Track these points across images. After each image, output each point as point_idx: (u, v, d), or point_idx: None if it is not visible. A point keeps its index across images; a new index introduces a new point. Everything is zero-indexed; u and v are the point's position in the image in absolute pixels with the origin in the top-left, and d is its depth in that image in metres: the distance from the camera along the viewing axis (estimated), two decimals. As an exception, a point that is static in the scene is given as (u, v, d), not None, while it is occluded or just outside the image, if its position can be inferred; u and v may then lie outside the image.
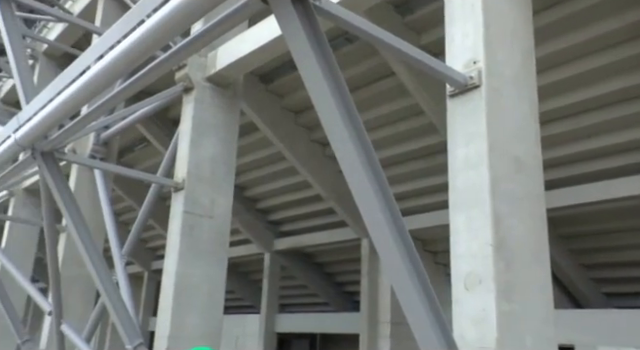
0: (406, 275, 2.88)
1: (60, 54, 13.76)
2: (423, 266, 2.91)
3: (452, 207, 4.02)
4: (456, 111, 4.17)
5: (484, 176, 3.83)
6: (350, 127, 2.97)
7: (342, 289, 15.38)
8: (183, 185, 6.63)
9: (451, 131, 4.16)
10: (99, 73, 4.55)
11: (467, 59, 4.16)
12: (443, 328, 2.87)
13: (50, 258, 7.40)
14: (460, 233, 3.90)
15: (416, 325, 2.86)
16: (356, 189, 2.98)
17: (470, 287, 3.78)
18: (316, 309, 15.69)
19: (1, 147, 6.78)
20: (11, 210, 14.17)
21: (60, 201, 6.43)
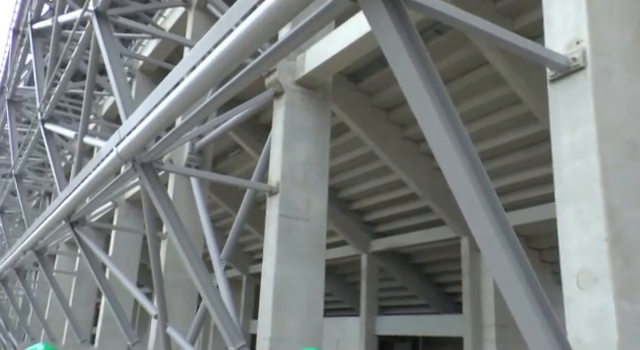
0: (513, 274, 2.69)
1: (154, 69, 14.43)
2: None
3: (559, 200, 3.73)
4: (558, 96, 3.87)
5: (594, 164, 3.52)
6: (446, 121, 2.83)
7: (442, 290, 15.00)
8: (278, 189, 6.67)
9: (554, 118, 3.87)
10: (192, 84, 4.66)
11: (569, 40, 3.85)
12: (556, 331, 2.66)
13: (154, 264, 7.71)
14: (569, 228, 3.61)
15: (526, 328, 2.66)
16: (455, 185, 2.83)
17: (584, 286, 3.48)
18: (417, 311, 15.40)
19: (105, 161, 7.16)
20: (116, 220, 15.02)
21: (160, 210, 6.67)
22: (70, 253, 20.35)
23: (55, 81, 12.02)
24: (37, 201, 26.07)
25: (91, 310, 19.15)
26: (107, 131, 14.88)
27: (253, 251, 19.65)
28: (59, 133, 12.68)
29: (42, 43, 14.03)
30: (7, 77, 19.77)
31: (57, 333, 18.66)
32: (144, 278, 19.86)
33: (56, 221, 10.78)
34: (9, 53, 20.00)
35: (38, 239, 13.43)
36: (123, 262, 12.82)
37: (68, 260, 21.05)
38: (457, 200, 2.79)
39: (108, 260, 10.97)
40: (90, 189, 8.46)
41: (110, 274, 11.64)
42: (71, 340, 16.94)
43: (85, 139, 9.81)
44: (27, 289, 22.15)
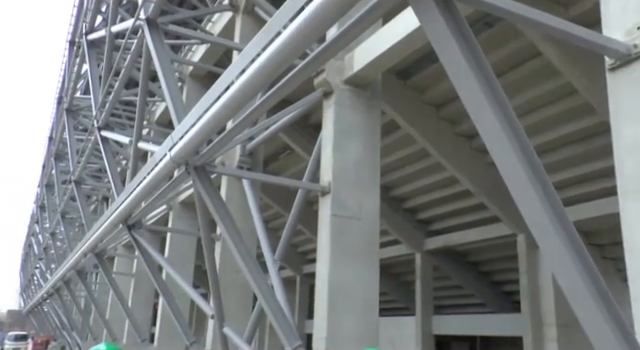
0: (575, 273, 2.59)
1: (204, 74, 14.68)
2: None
3: (621, 194, 3.56)
4: (619, 85, 3.71)
5: (659, 156, 3.37)
6: (500, 115, 2.76)
7: (499, 289, 14.69)
8: (329, 189, 6.66)
9: (614, 108, 3.71)
10: (242, 87, 4.70)
11: (629, 25, 3.68)
12: (623, 330, 2.53)
13: (209, 265, 7.83)
14: (634, 223, 3.45)
15: (590, 328, 2.55)
16: (511, 181, 2.75)
17: (652, 284, 3.33)
18: (473, 310, 15.13)
19: (159, 165, 7.33)
20: (170, 223, 15.35)
21: (214, 211, 6.78)
22: (128, 255, 20.94)
23: (109, 89, 12.38)
24: (95, 206, 26.97)
25: (150, 310, 19.65)
26: (160, 136, 15.24)
27: (306, 251, 19.74)
28: (114, 140, 13.06)
29: (96, 53, 14.49)
30: (65, 87, 20.50)
31: (118, 332, 19.24)
32: (199, 279, 20.24)
33: (114, 225, 11.11)
34: (66, 64, 20.76)
35: (97, 242, 13.89)
36: (179, 263, 13.07)
37: (126, 262, 21.67)
38: (513, 196, 2.72)
39: (164, 261, 11.22)
40: (145, 193, 8.67)
41: (167, 275, 11.90)
42: (132, 339, 17.42)
43: (139, 144, 10.06)
44: (88, 290, 22.93)
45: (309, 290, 19.99)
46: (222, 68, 11.07)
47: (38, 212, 33.25)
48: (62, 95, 21.50)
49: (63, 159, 22.60)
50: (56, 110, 24.58)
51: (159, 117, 17.66)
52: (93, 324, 26.27)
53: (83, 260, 17.62)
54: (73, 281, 23.20)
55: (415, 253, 14.73)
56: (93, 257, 15.69)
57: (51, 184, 25.76)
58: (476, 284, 14.71)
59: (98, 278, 26.35)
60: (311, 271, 18.71)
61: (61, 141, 22.26)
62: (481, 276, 14.70)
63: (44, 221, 31.71)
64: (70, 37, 19.56)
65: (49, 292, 29.29)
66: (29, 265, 44.90)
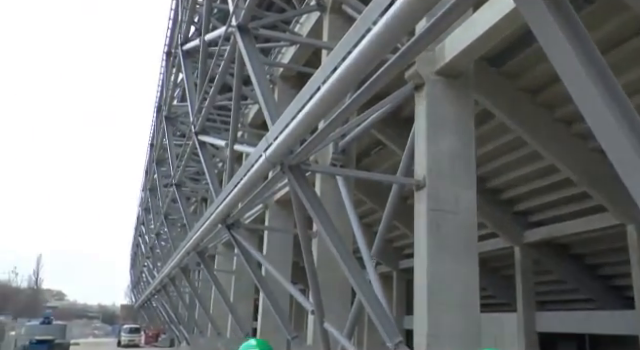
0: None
1: (294, 75, 14.93)
2: None
3: None
4: None
5: None
6: (607, 97, 2.59)
7: (608, 283, 13.88)
8: (424, 183, 6.58)
9: None
10: (334, 85, 4.74)
11: None
12: None
13: (307, 262, 7.97)
14: None
15: None
16: (623, 167, 2.58)
17: None
18: (580, 306, 14.39)
19: (255, 166, 7.55)
20: (267, 221, 15.75)
21: (310, 209, 6.89)
22: (228, 253, 21.69)
23: (205, 96, 12.90)
24: (195, 207, 28.19)
25: (251, 306, 20.29)
26: (253, 138, 15.67)
27: (402, 246, 19.60)
28: (211, 143, 13.59)
29: (191, 62, 15.13)
30: (163, 96, 21.56)
31: (222, 327, 20.03)
32: (297, 275, 20.62)
33: (214, 224, 11.56)
34: (163, 75, 21.82)
35: (199, 241, 14.51)
36: (277, 260, 13.39)
37: (226, 259, 22.47)
38: (625, 183, 2.55)
39: (263, 259, 11.56)
40: (243, 193, 8.96)
41: (266, 272, 12.22)
42: (235, 334, 18.07)
43: (235, 147, 10.40)
44: (192, 287, 24.02)
45: (406, 286, 19.84)
46: (312, 68, 11.23)
47: (143, 214, 35.21)
48: (161, 104, 22.64)
49: (164, 164, 23.78)
50: (156, 118, 25.91)
51: (252, 119, 18.17)
52: (198, 318, 27.46)
53: (186, 258, 18.47)
54: (178, 278, 24.39)
55: (514, 246, 14.23)
56: (195, 255, 16.42)
57: (154, 188, 27.19)
58: (581, 278, 13.99)
59: (201, 275, 27.51)
60: (407, 266, 18.57)
61: (161, 147, 23.42)
62: (586, 269, 13.97)
63: (149, 223, 33.53)
64: (166, 49, 20.55)
65: (157, 288, 30.98)
66: (138, 263, 47.63)
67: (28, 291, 73.57)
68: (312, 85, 5.25)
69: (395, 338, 6.07)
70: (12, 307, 54.77)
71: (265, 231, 15.78)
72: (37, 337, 29.01)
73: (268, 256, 13.78)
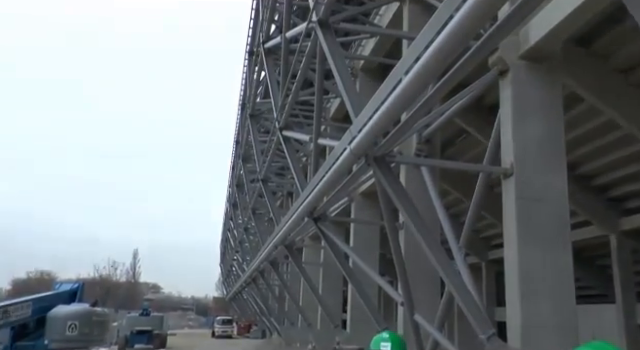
0: None
1: (375, 67, 14.92)
2: None
3: None
4: None
5: None
6: None
7: None
8: (512, 170, 6.44)
9: None
10: (417, 75, 4.74)
11: None
12: None
13: (395, 253, 8.00)
14: None
15: None
16: None
17: None
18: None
19: (340, 159, 7.65)
20: (353, 213, 15.84)
21: (396, 200, 6.91)
22: (315, 246, 22.01)
23: (287, 92, 13.15)
24: (281, 201, 28.79)
25: (339, 298, 20.50)
26: (336, 131, 15.80)
27: (490, 236, 19.13)
28: (295, 138, 13.84)
29: (273, 59, 15.45)
30: (247, 94, 22.13)
31: (312, 318, 20.39)
32: (384, 267, 20.61)
33: (300, 218, 11.78)
34: (246, 73, 22.39)
35: (286, 235, 14.83)
36: (364, 253, 13.46)
37: (314, 252, 22.81)
38: None
39: (350, 251, 11.67)
40: (328, 186, 9.10)
41: (353, 264, 12.34)
42: (325, 325, 18.35)
43: (319, 141, 10.55)
44: (281, 279, 24.59)
45: (495, 277, 19.36)
46: (393, 59, 11.19)
47: (231, 209, 36.30)
48: (245, 102, 23.24)
49: (249, 160, 24.42)
50: (240, 116, 26.63)
51: (334, 113, 18.32)
52: (288, 310, 28.09)
53: (274, 252, 18.94)
54: (267, 271, 25.06)
55: (609, 235, 13.55)
56: (283, 249, 16.81)
57: (241, 184, 28.00)
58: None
59: (289, 268, 28.08)
60: (496, 257, 18.10)
61: (247, 144, 24.07)
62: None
63: (237, 217, 34.56)
64: (249, 48, 21.08)
65: (247, 281, 31.94)
66: (227, 257, 49.25)
67: (126, 284, 77.91)
68: (394, 76, 5.27)
69: (487, 330, 5.99)
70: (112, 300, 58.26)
71: (351, 223, 15.90)
72: (137, 328, 30.68)
73: (355, 248, 13.88)
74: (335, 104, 18.06)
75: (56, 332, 10.25)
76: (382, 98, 5.63)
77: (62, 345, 10.38)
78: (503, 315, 6.44)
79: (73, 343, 10.56)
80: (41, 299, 10.54)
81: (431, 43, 4.32)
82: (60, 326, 10.30)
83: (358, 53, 15.02)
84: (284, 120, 13.35)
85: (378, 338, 3.07)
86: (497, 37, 4.31)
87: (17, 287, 69.19)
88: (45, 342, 10.14)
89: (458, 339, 18.06)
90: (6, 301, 9.92)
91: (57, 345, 10.30)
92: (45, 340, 10.15)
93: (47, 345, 10.14)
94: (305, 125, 16.74)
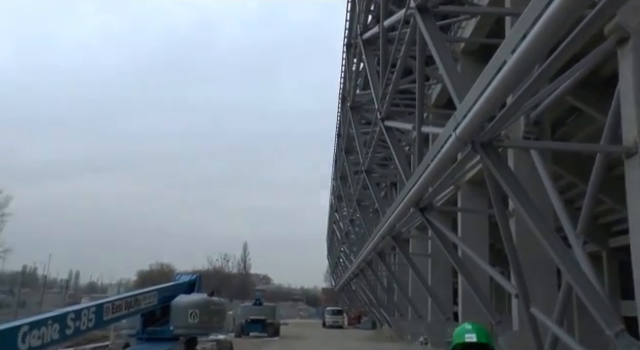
0: None
1: (476, 48, 14.36)
2: None
3: None
4: None
5: None
6: None
7: None
8: (637, 148, 5.89)
9: None
10: (523, 54, 4.45)
11: None
12: None
13: (506, 243, 7.64)
14: None
15: None
16: None
17: None
18: None
19: (445, 146, 7.41)
20: (459, 202, 15.39)
21: (505, 186, 6.58)
22: (422, 236, 21.72)
23: (387, 81, 12.98)
24: (385, 192, 28.61)
25: (449, 289, 20.11)
26: (439, 118, 15.43)
27: (611, 222, 17.87)
28: (397, 128, 13.65)
29: (372, 50, 15.32)
30: (347, 87, 22.16)
31: (422, 310, 20.14)
32: (495, 257, 19.94)
33: (406, 208, 11.60)
34: (345, 66, 22.40)
35: (392, 226, 14.70)
36: (473, 242, 13.07)
37: (421, 243, 22.52)
38: None
39: (459, 241, 11.35)
40: (434, 175, 8.86)
41: (462, 254, 12.00)
42: (435, 317, 18.06)
43: (422, 129, 10.32)
44: (389, 270, 24.47)
45: (619, 266, 18.08)
46: (496, 39, 10.68)
47: (336, 202, 36.62)
48: (345, 95, 23.28)
49: (352, 152, 24.46)
50: (341, 109, 26.72)
51: (436, 100, 17.89)
52: (398, 301, 27.94)
53: (381, 243, 18.86)
54: (374, 262, 25.03)
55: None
56: (390, 240, 16.70)
57: (344, 176, 28.12)
58: None
59: (397, 259, 27.92)
60: (619, 245, 16.87)
61: (348, 136, 24.12)
62: None
63: (342, 210, 34.82)
64: (346, 41, 21.07)
65: (354, 272, 32.12)
66: (334, 249, 49.83)
67: (238, 276, 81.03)
68: (499, 57, 5.00)
69: (615, 326, 5.55)
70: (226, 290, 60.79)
71: (458, 213, 15.50)
72: (252, 317, 31.89)
73: (463, 238, 13.50)
74: (436, 90, 17.63)
75: (179, 319, 10.91)
76: (487, 81, 5.37)
77: (185, 331, 11.08)
78: (629, 309, 5.94)
79: (195, 330, 11.22)
80: (164, 289, 11.23)
81: (539, 17, 4.03)
82: (183, 314, 10.95)
83: (458, 36, 14.54)
84: (385, 110, 13.20)
85: (462, 329, 2.91)
86: (615, 3, 3.93)
87: (142, 278, 74.28)
88: (171, 328, 10.87)
89: (579, 335, 17.05)
90: (136, 291, 10.74)
91: (181, 331, 10.99)
92: (170, 326, 10.87)
93: (172, 331, 10.87)
94: (406, 114, 16.45)
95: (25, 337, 6.42)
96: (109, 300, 9.04)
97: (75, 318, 7.54)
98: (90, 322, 7.93)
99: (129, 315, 9.67)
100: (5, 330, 6.30)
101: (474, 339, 2.89)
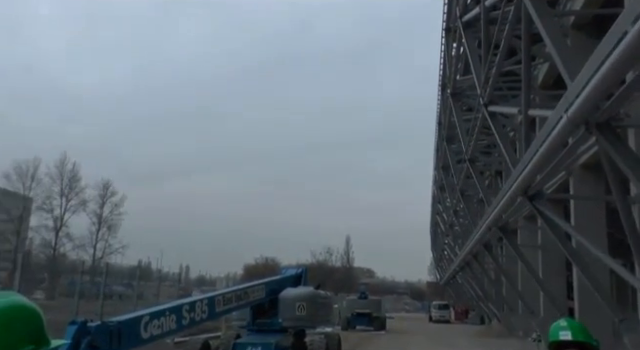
0: None
1: (589, 21, 13.44)
2: None
3: None
4: None
5: None
6: None
7: None
8: None
9: None
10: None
11: None
12: None
13: (629, 232, 7.05)
14: None
15: None
16: None
17: None
18: None
19: (555, 129, 6.97)
20: (572, 189, 14.51)
21: (626, 170, 6.07)
22: (530, 227, 20.80)
23: (490, 64, 12.44)
24: (489, 181, 27.60)
25: (563, 283, 19.11)
26: (546, 100, 14.62)
27: None
28: (501, 113, 13.07)
29: (472, 32, 14.76)
30: (446, 74, 21.57)
31: (533, 305, 19.25)
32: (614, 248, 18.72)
33: (513, 197, 11.10)
34: (444, 51, 21.80)
35: (499, 216, 14.13)
36: (588, 232, 12.26)
37: (529, 233, 21.57)
38: None
39: (572, 230, 10.69)
40: (543, 160, 8.39)
41: (577, 245, 11.31)
42: (549, 312, 17.19)
43: (529, 112, 9.79)
44: (497, 263, 23.61)
45: None
46: (612, 8, 9.90)
47: (438, 193, 35.85)
48: (445, 82, 22.67)
49: (454, 140, 23.81)
50: (441, 96, 26.08)
51: (542, 80, 16.98)
52: (507, 296, 26.93)
53: (487, 234, 18.22)
54: (480, 255, 24.25)
55: None
56: (497, 231, 16.08)
57: (446, 165, 27.45)
58: None
59: (504, 251, 26.95)
60: None
61: (449, 124, 23.50)
62: None
63: (445, 200, 34.05)
64: (445, 25, 20.48)
65: (460, 265, 31.32)
66: (438, 241, 48.95)
67: (342, 269, 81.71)
68: (618, 27, 4.59)
69: None
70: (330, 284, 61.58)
71: (571, 200, 14.64)
72: (357, 310, 32.04)
73: (577, 227, 12.71)
74: (543, 70, 16.72)
75: (288, 312, 11.16)
76: (603, 55, 4.95)
77: (293, 323, 11.31)
78: None
79: (302, 322, 11.40)
80: (272, 282, 11.51)
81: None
82: (290, 306, 11.19)
83: (567, 9, 13.67)
84: (488, 95, 12.68)
85: (556, 326, 2.67)
86: None
87: (248, 271, 76.96)
88: (279, 320, 11.14)
89: None
90: (245, 284, 11.11)
91: (289, 323, 11.24)
92: (279, 318, 11.14)
93: (281, 323, 11.14)
94: (510, 97, 15.74)
95: (147, 326, 6.81)
96: (220, 293, 9.40)
97: (190, 309, 7.89)
98: (203, 313, 8.27)
99: (239, 307, 9.99)
100: (130, 319, 6.73)
101: (569, 337, 2.68)
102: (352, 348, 18.73)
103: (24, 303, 1.15)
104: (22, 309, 1.13)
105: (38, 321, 1.15)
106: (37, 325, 1.14)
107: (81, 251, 56.94)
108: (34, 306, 1.16)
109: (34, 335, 1.12)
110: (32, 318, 1.13)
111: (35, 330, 1.13)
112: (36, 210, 57.55)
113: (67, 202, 57.40)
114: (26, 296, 1.30)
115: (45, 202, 56.80)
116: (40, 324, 1.15)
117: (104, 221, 59.68)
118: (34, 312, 1.15)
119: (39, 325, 1.14)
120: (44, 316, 1.17)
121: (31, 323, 1.12)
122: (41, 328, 1.15)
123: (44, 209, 56.61)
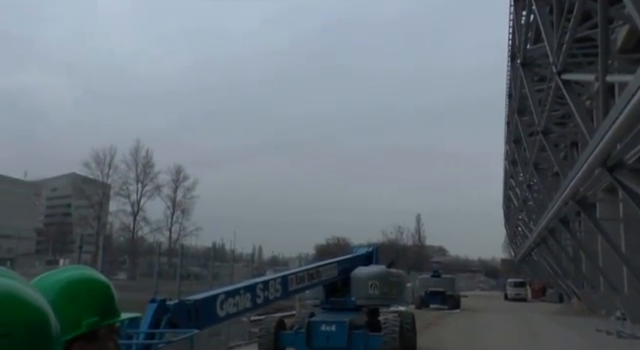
0: None
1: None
2: None
3: None
4: None
5: None
6: None
7: None
8: None
9: None
10: None
11: None
12: None
13: None
14: None
15: None
16: None
17: None
18: None
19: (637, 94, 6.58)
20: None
21: None
22: (611, 199, 19.88)
23: (563, 30, 11.89)
24: (564, 153, 26.51)
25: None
26: (626, 65, 13.82)
27: None
28: (576, 81, 12.50)
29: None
30: (516, 43, 20.78)
31: (616, 282, 18.45)
32: None
33: (591, 169, 10.65)
34: (513, 20, 20.98)
35: (576, 189, 13.60)
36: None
37: (610, 206, 20.63)
38: None
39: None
40: (624, 129, 7.99)
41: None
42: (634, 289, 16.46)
43: (607, 78, 9.31)
44: (575, 238, 22.77)
45: None
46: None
47: (511, 167, 34.82)
48: (514, 51, 21.86)
49: (526, 112, 23.00)
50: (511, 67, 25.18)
51: (622, 44, 16.06)
52: (587, 272, 25.95)
53: (564, 208, 17.57)
54: (557, 230, 23.44)
55: None
56: (574, 204, 15.48)
57: (518, 139, 26.58)
58: None
59: (582, 225, 25.95)
60: None
61: (521, 96, 22.70)
62: None
63: (518, 175, 33.05)
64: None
65: (535, 242, 30.41)
66: (511, 217, 47.66)
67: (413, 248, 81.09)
68: None
69: None
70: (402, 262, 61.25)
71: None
72: (431, 289, 31.75)
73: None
74: (622, 33, 15.79)
75: (360, 290, 11.24)
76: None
77: (367, 302, 11.40)
78: None
79: (375, 300, 11.47)
80: (344, 261, 11.61)
81: None
82: (363, 285, 11.27)
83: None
84: (562, 62, 12.14)
85: None
86: None
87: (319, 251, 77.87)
88: (352, 298, 11.25)
89: None
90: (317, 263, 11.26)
91: (362, 301, 11.33)
92: (352, 297, 11.25)
93: (354, 301, 11.25)
94: (586, 64, 14.98)
95: (222, 304, 7.03)
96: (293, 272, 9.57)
97: (264, 288, 8.07)
98: (277, 292, 8.44)
99: (312, 286, 10.13)
100: (206, 298, 6.97)
101: None
102: (426, 327, 18.61)
103: (91, 276, 1.18)
104: (89, 282, 1.16)
105: (105, 294, 1.17)
106: (103, 298, 1.16)
107: (158, 234, 59.56)
108: (102, 279, 1.19)
109: (100, 307, 1.14)
110: (98, 291, 1.16)
111: (101, 302, 1.15)
112: (114, 196, 60.58)
113: (142, 187, 60.10)
114: (109, 277, 1.34)
115: (122, 188, 59.72)
116: (107, 297, 1.17)
117: (178, 205, 61.99)
118: (101, 285, 1.17)
119: (106, 298, 1.17)
120: (114, 290, 1.20)
121: (97, 296, 1.15)
122: (109, 301, 1.17)
123: (122, 194, 59.53)
